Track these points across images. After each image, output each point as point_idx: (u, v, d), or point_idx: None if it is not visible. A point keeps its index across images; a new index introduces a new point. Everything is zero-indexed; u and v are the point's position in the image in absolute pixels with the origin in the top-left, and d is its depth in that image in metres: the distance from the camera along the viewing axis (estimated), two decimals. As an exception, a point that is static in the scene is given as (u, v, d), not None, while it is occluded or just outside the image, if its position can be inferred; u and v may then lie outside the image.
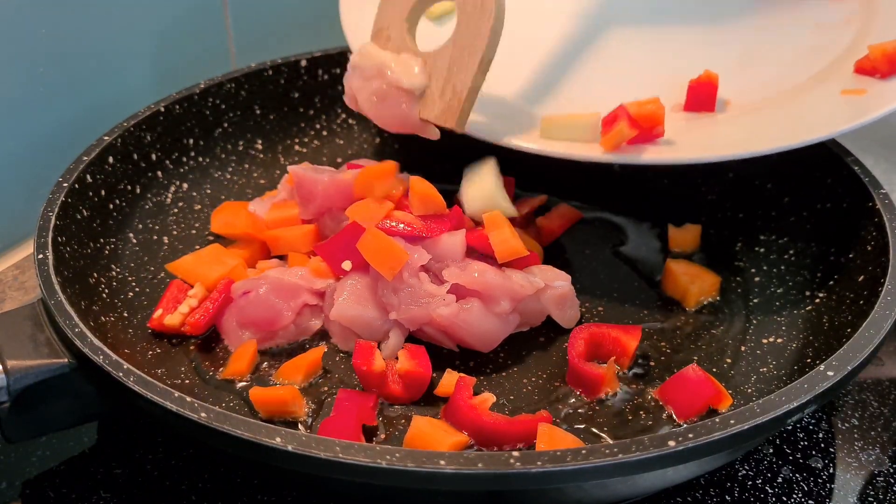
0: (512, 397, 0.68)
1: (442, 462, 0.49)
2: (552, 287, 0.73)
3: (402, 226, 0.71)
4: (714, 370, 0.70)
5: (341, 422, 0.63)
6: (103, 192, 0.78)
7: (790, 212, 0.82)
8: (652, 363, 0.71)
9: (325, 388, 0.69)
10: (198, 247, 0.82)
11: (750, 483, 0.64)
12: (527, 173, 0.88)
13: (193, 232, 0.84)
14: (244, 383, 0.69)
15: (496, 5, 0.70)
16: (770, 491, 0.63)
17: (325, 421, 0.63)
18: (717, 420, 0.52)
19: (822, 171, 0.79)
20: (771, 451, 0.66)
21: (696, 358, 0.72)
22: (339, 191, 0.77)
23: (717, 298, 0.77)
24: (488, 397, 0.64)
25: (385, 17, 0.76)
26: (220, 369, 0.70)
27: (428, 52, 0.74)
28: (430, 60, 0.73)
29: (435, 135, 0.75)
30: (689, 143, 0.74)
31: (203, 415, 0.53)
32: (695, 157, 0.72)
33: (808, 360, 0.67)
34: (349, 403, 0.64)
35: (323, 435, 0.60)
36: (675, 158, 0.73)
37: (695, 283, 0.77)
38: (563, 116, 0.76)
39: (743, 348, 0.72)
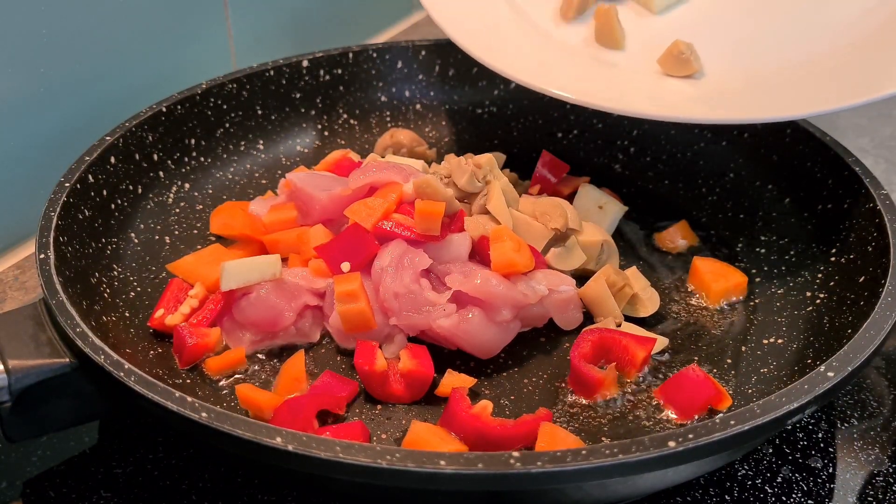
0: (513, 398, 0.68)
1: (442, 462, 0.49)
2: (557, 292, 0.72)
3: (403, 231, 0.71)
4: (714, 370, 0.70)
5: (298, 403, 0.63)
6: (105, 192, 0.78)
7: (791, 212, 0.82)
8: (652, 363, 0.71)
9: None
10: (199, 247, 0.82)
11: (750, 483, 0.64)
12: (526, 168, 0.88)
13: (195, 232, 0.84)
14: (228, 380, 0.69)
15: None
16: (770, 491, 0.63)
17: (287, 401, 0.64)
18: (717, 420, 0.52)
19: (823, 171, 0.79)
20: (770, 450, 0.66)
21: (696, 358, 0.72)
22: (337, 206, 0.76)
23: (743, 298, 0.77)
24: (487, 404, 0.63)
25: None
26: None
27: None
28: None
29: None
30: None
31: (204, 415, 0.53)
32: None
33: (809, 361, 0.67)
34: (320, 386, 0.66)
35: (277, 416, 0.63)
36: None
37: (718, 281, 0.77)
38: None
39: (743, 349, 0.72)
